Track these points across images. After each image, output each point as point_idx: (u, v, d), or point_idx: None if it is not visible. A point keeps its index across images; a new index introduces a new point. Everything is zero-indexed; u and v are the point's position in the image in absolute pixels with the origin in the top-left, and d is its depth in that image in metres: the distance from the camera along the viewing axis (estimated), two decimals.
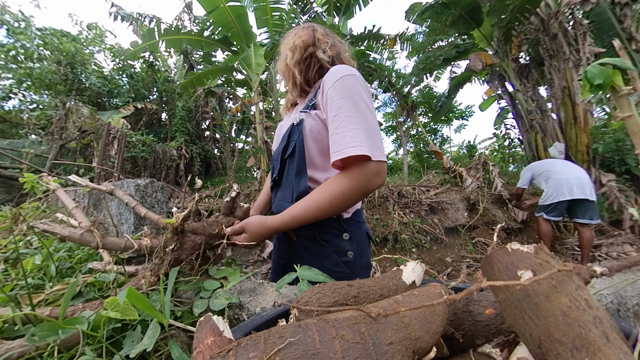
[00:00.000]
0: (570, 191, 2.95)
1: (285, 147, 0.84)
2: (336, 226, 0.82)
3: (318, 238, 0.81)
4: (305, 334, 0.27)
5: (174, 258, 0.68)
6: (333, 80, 0.73)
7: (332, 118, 0.70)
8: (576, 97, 4.25)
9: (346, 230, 0.82)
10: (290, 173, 0.82)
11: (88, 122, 6.02)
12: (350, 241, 0.82)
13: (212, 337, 0.32)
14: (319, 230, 0.81)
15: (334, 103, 0.71)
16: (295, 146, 0.80)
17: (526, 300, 0.26)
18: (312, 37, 0.87)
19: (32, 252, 0.98)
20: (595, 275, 0.37)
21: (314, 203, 0.71)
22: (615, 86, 1.52)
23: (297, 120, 0.82)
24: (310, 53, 0.85)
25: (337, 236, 0.82)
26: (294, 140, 0.81)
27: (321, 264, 0.79)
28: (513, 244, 0.31)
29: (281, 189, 0.88)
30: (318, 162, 0.81)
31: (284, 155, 0.84)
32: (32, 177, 1.48)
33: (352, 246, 0.82)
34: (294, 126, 0.82)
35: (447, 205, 4.22)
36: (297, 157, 0.79)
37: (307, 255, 0.83)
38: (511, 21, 4.73)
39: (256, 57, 5.79)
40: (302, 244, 0.84)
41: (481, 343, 0.38)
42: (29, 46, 7.62)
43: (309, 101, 0.84)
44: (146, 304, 0.48)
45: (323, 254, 0.81)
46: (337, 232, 0.82)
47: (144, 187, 3.20)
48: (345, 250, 0.82)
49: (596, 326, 0.23)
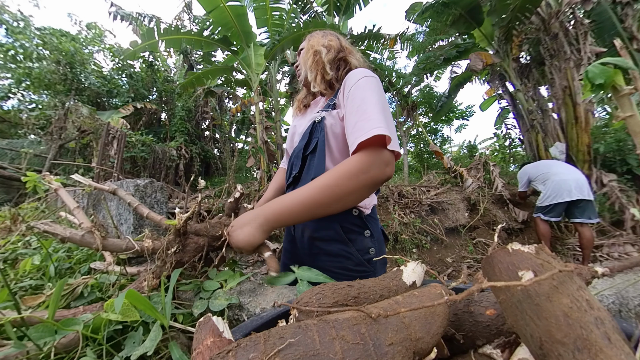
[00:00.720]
0: (569, 192, 2.95)
1: (307, 144, 0.85)
2: (359, 223, 0.83)
3: (343, 237, 0.80)
4: (305, 334, 0.27)
5: (176, 260, 0.67)
6: (356, 79, 0.76)
7: (355, 109, 0.71)
8: (577, 96, 4.24)
9: (368, 227, 0.83)
10: (311, 168, 0.83)
11: (87, 122, 6.00)
12: (371, 238, 0.84)
13: (212, 338, 0.32)
14: (343, 228, 0.81)
15: (356, 97, 0.73)
16: (317, 143, 0.82)
17: (527, 301, 0.26)
18: (340, 43, 0.94)
19: (31, 252, 0.98)
20: (597, 275, 0.37)
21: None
22: (616, 86, 1.51)
23: (319, 118, 0.84)
24: (342, 57, 0.91)
25: (359, 234, 0.83)
26: (315, 137, 0.83)
27: (343, 265, 0.79)
28: (514, 244, 0.31)
29: (301, 185, 0.88)
30: (338, 159, 0.82)
31: (306, 151, 0.85)
32: (34, 177, 1.47)
33: (374, 243, 0.84)
34: (316, 123, 0.84)
35: (447, 206, 4.21)
36: (318, 153, 0.81)
37: (327, 258, 0.81)
38: (512, 21, 4.72)
39: (256, 57, 5.79)
40: (319, 247, 0.83)
41: (482, 344, 0.37)
42: (28, 46, 7.61)
43: (330, 101, 0.87)
44: (147, 305, 0.47)
45: (345, 255, 0.80)
46: (360, 230, 0.83)
47: (144, 188, 3.19)
48: (368, 248, 0.82)
49: (598, 327, 0.23)
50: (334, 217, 0.79)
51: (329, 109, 0.84)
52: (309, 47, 0.92)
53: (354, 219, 0.82)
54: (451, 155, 8.84)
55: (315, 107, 0.99)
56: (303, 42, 0.99)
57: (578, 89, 4.22)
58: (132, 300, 0.47)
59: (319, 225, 0.83)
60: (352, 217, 0.82)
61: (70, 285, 0.69)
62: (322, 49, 0.89)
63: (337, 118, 0.81)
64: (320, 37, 0.94)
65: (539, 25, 4.75)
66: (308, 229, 0.85)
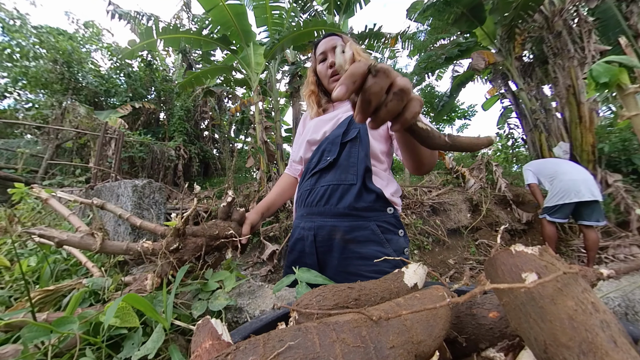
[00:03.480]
0: (578, 193, 2.88)
1: (346, 132, 0.87)
2: (394, 222, 0.82)
3: (381, 237, 0.78)
4: (305, 337, 0.27)
5: (178, 258, 0.68)
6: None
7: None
8: (581, 95, 4.20)
9: (402, 226, 0.83)
10: (353, 155, 0.84)
11: (85, 121, 5.96)
12: (405, 237, 0.83)
13: (211, 341, 0.32)
14: (380, 228, 0.79)
15: None
16: (359, 132, 0.85)
17: (531, 304, 0.26)
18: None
19: (27, 254, 0.99)
20: (602, 277, 0.37)
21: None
22: (621, 84, 1.48)
23: None
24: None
25: (395, 233, 0.81)
26: (356, 127, 0.86)
27: (380, 267, 0.75)
28: (517, 245, 0.31)
29: (337, 171, 0.87)
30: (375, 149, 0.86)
31: (344, 138, 0.87)
32: (22, 188, 1.43)
33: (407, 243, 0.83)
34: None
35: (449, 207, 4.17)
36: (364, 142, 0.84)
37: (361, 262, 0.78)
38: (514, 19, 4.68)
39: (255, 56, 5.76)
40: (353, 250, 0.79)
41: (485, 347, 0.37)
42: (25, 44, 7.58)
43: None
44: (148, 307, 0.47)
45: (381, 256, 0.75)
46: (395, 229, 0.82)
47: (142, 188, 3.11)
48: (403, 248, 0.81)
49: (603, 330, 0.23)
50: (369, 216, 0.80)
51: None
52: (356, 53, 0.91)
53: (390, 217, 0.81)
54: (453, 156, 8.79)
55: (339, 108, 1.00)
56: (339, 39, 0.96)
57: (582, 88, 4.18)
58: (132, 302, 0.46)
59: (353, 225, 0.80)
60: (388, 215, 0.81)
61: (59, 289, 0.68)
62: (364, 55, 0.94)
63: None
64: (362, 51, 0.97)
65: (542, 23, 4.71)
66: (339, 231, 0.81)
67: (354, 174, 0.82)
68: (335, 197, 0.83)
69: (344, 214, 0.81)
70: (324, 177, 0.87)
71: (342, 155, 0.86)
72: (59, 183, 4.81)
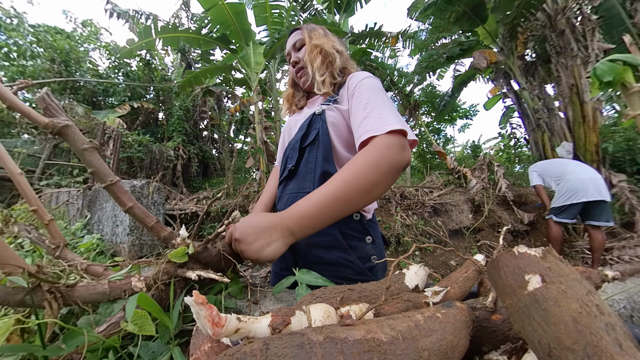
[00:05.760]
0: (586, 193, 2.83)
1: (305, 135, 0.83)
2: (359, 229, 0.78)
3: (343, 244, 0.75)
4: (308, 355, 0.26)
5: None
6: (360, 78, 0.80)
7: (364, 105, 0.72)
8: (585, 95, 4.16)
9: (369, 233, 0.79)
10: (310, 161, 0.81)
11: (83, 121, 5.91)
12: (373, 244, 0.79)
13: (209, 343, 0.31)
14: (342, 234, 0.75)
15: (363, 94, 0.75)
16: (317, 134, 0.81)
17: (534, 306, 0.26)
18: (344, 49, 0.97)
19: (23, 255, 0.98)
20: (607, 279, 0.37)
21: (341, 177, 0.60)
22: (625, 83, 1.45)
23: (319, 110, 0.83)
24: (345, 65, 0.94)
25: (360, 240, 0.78)
26: (315, 128, 0.82)
27: (343, 274, 0.74)
28: (520, 247, 0.30)
29: (297, 179, 0.84)
30: (339, 152, 0.81)
31: (303, 143, 0.83)
32: None
33: (375, 250, 0.80)
34: (315, 115, 0.84)
35: (451, 207, 4.15)
36: (322, 144, 0.80)
37: (324, 267, 0.74)
38: (517, 17, 4.64)
39: (255, 56, 5.73)
40: (316, 254, 0.76)
41: (488, 350, 0.36)
42: (22, 43, 7.54)
43: (330, 97, 0.87)
44: (157, 310, 0.46)
45: (345, 263, 0.75)
46: (361, 236, 0.79)
47: (140, 188, 3.06)
48: (369, 255, 0.78)
49: (608, 333, 0.22)
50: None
51: (329, 104, 0.84)
52: (315, 46, 0.90)
53: (355, 224, 0.78)
54: (454, 156, 8.78)
55: (312, 105, 0.97)
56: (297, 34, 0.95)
57: (585, 87, 4.15)
58: (143, 304, 0.45)
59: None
60: (353, 222, 0.78)
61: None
62: (335, 53, 0.89)
63: (337, 111, 0.81)
64: (323, 36, 0.92)
65: (545, 21, 4.67)
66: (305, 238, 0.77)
67: (311, 181, 0.79)
68: None
69: None
70: (288, 185, 0.87)
71: (302, 161, 0.83)
72: (57, 183, 4.76)
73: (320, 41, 0.90)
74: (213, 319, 0.28)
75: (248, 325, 0.30)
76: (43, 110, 0.55)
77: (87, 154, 0.55)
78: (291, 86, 1.03)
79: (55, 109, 0.55)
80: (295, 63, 0.94)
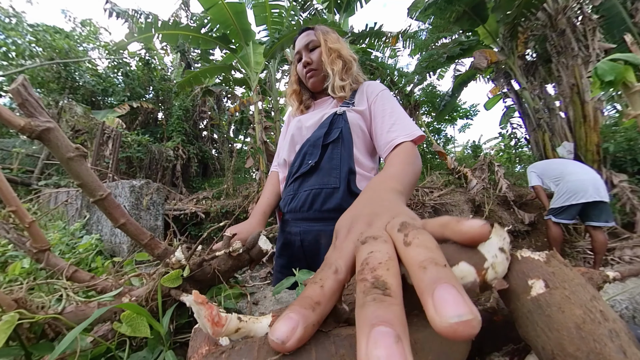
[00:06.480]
0: (585, 194, 2.82)
1: (327, 133, 0.86)
2: None
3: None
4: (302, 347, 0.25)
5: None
6: (380, 88, 0.89)
7: (389, 113, 0.82)
8: (585, 94, 4.14)
9: None
10: (335, 157, 0.84)
11: (82, 121, 5.89)
12: None
13: (207, 346, 0.31)
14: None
15: (387, 103, 0.85)
16: (341, 132, 0.84)
17: (538, 312, 0.25)
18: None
19: (22, 255, 0.97)
20: (608, 280, 0.37)
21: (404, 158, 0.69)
22: (627, 83, 1.43)
23: (341, 111, 0.87)
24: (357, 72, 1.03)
25: None
26: (338, 127, 0.85)
27: None
28: (523, 251, 0.29)
29: (319, 175, 0.85)
30: (361, 150, 0.86)
31: (326, 140, 0.86)
32: None
33: None
34: (337, 115, 0.87)
35: (451, 207, 4.13)
36: (346, 142, 0.84)
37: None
38: (517, 17, 4.63)
39: (255, 56, 5.71)
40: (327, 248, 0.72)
41: (489, 351, 0.36)
42: (21, 43, 7.52)
43: (348, 101, 0.92)
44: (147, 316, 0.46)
45: None
46: None
47: (139, 189, 3.04)
48: None
49: (612, 340, 0.22)
50: None
51: (348, 106, 0.88)
52: (332, 49, 0.93)
53: None
54: (455, 156, 8.76)
55: (322, 106, 0.99)
56: (310, 34, 0.95)
57: (586, 87, 4.13)
58: (134, 310, 0.45)
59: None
60: None
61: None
62: (352, 61, 0.95)
63: (358, 114, 0.87)
64: (337, 41, 0.95)
65: (546, 21, 4.66)
66: (325, 235, 0.79)
67: (337, 177, 0.81)
68: (319, 201, 0.81)
69: (329, 217, 0.78)
70: (307, 181, 0.86)
71: (324, 158, 0.85)
72: (55, 183, 4.74)
73: (337, 46, 0.93)
74: (213, 319, 0.28)
75: (248, 325, 0.29)
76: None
77: (72, 163, 0.46)
78: (297, 84, 1.03)
79: (34, 106, 0.44)
80: (308, 64, 0.94)
